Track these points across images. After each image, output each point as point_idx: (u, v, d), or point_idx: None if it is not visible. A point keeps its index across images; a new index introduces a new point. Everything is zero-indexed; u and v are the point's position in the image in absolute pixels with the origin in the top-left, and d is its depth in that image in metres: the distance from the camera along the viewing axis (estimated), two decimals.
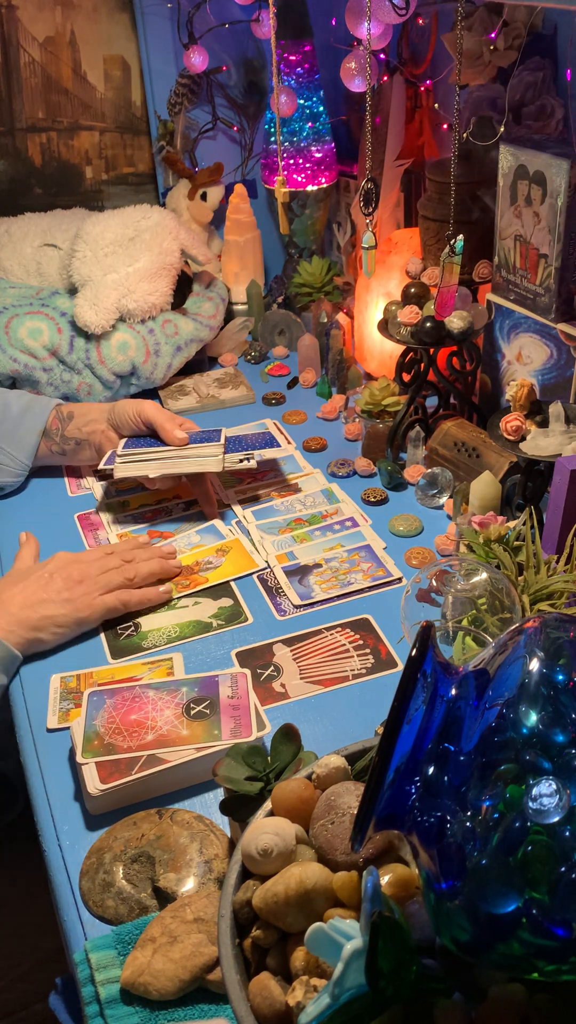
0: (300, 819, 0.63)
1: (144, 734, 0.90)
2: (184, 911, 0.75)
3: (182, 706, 0.93)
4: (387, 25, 1.16)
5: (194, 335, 1.57)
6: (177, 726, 0.91)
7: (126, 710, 0.93)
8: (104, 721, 0.92)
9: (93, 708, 0.93)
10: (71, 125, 1.71)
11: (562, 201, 1.10)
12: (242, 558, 1.19)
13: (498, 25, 1.20)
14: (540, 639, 0.55)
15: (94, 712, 0.93)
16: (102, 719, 0.92)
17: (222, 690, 0.95)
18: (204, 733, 0.90)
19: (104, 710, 0.93)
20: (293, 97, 1.49)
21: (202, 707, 0.93)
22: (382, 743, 0.51)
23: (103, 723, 0.92)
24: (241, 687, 0.96)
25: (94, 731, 0.91)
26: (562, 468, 0.96)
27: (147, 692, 0.95)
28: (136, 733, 0.90)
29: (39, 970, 1.54)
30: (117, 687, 0.96)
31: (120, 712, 0.93)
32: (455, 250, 1.11)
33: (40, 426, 1.33)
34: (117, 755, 0.88)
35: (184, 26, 1.64)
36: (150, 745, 0.89)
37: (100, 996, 0.73)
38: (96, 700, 0.94)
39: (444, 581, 0.89)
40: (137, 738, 0.90)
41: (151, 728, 0.91)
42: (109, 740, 0.90)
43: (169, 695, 0.95)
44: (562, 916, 0.48)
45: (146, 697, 0.95)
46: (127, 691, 0.95)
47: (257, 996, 0.55)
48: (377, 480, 1.35)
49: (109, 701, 0.94)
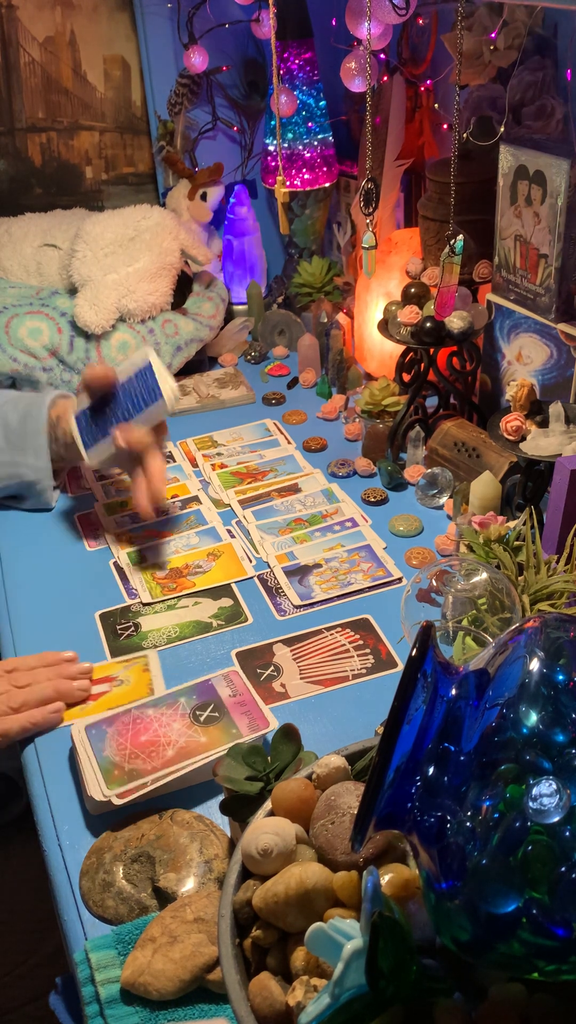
0: (300, 819, 0.63)
1: (163, 751, 0.88)
2: (184, 911, 0.75)
3: (188, 716, 0.92)
4: (387, 25, 1.16)
5: (194, 335, 1.57)
6: (193, 735, 0.89)
7: (132, 734, 0.90)
8: (114, 750, 0.88)
9: (95, 740, 0.90)
10: (71, 125, 1.71)
11: (562, 201, 1.10)
12: (232, 563, 1.19)
13: (498, 25, 1.20)
14: (540, 639, 0.55)
15: (98, 744, 0.89)
16: (111, 748, 0.89)
17: (221, 691, 0.95)
18: (223, 735, 0.89)
19: (109, 739, 0.90)
20: (293, 97, 1.49)
21: (209, 712, 0.92)
22: (382, 743, 0.51)
23: (114, 752, 0.88)
24: (238, 684, 0.96)
25: (108, 762, 0.87)
26: (562, 468, 0.96)
27: (145, 712, 0.93)
28: (155, 752, 0.88)
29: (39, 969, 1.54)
30: (111, 714, 0.93)
31: (127, 737, 0.90)
32: (455, 250, 1.11)
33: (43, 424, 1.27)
34: (144, 778, 0.85)
35: (184, 26, 1.64)
36: (174, 760, 0.87)
37: (100, 996, 0.73)
38: (95, 732, 0.91)
39: (444, 581, 0.89)
40: (158, 757, 0.88)
41: (167, 744, 0.89)
42: (130, 766, 0.87)
43: (169, 709, 0.93)
44: (562, 916, 0.48)
45: (147, 716, 0.92)
46: (124, 716, 0.92)
47: (257, 996, 0.55)
48: (377, 480, 1.35)
49: (110, 729, 0.91)
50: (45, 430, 1.27)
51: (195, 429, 1.50)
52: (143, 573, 1.18)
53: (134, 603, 1.14)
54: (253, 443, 1.45)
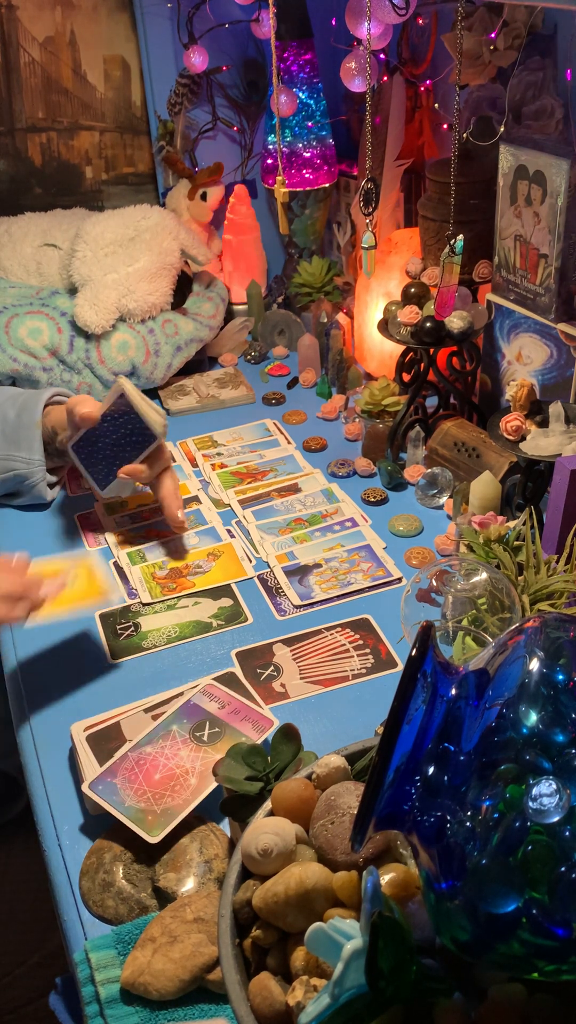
0: (300, 819, 0.63)
1: (185, 781, 0.85)
2: (184, 911, 0.75)
3: (189, 740, 0.89)
4: (387, 25, 1.16)
5: (194, 335, 1.57)
6: (206, 756, 0.87)
7: (144, 774, 0.86)
8: (135, 798, 0.84)
9: (110, 794, 0.84)
10: (71, 125, 1.71)
11: (562, 201, 1.10)
12: (232, 564, 1.19)
13: (498, 25, 1.20)
14: (540, 639, 0.55)
15: (115, 798, 0.84)
16: (131, 797, 0.84)
17: (208, 707, 0.93)
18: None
19: (122, 790, 0.85)
20: (293, 97, 1.49)
21: (209, 730, 0.90)
22: (382, 743, 0.51)
23: (135, 800, 0.84)
24: (220, 695, 0.94)
25: (137, 810, 0.83)
26: (562, 468, 0.96)
27: (143, 751, 0.88)
28: (178, 785, 0.85)
29: (39, 969, 1.54)
30: (109, 766, 0.87)
31: (139, 782, 0.85)
32: (455, 250, 1.11)
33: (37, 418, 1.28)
34: (180, 812, 0.82)
35: (184, 26, 1.64)
36: (201, 786, 0.85)
37: (100, 996, 0.73)
38: (105, 787, 0.85)
39: (444, 581, 0.89)
40: (183, 788, 0.85)
41: (185, 773, 0.86)
42: (161, 807, 0.83)
43: (166, 740, 0.89)
44: (562, 916, 0.48)
45: (148, 755, 0.88)
46: (123, 762, 0.87)
47: (257, 996, 0.55)
48: (377, 480, 1.35)
49: (118, 780, 0.86)
50: (39, 423, 1.27)
51: (195, 429, 1.50)
52: (143, 574, 1.18)
53: (134, 603, 1.14)
54: (253, 443, 1.45)
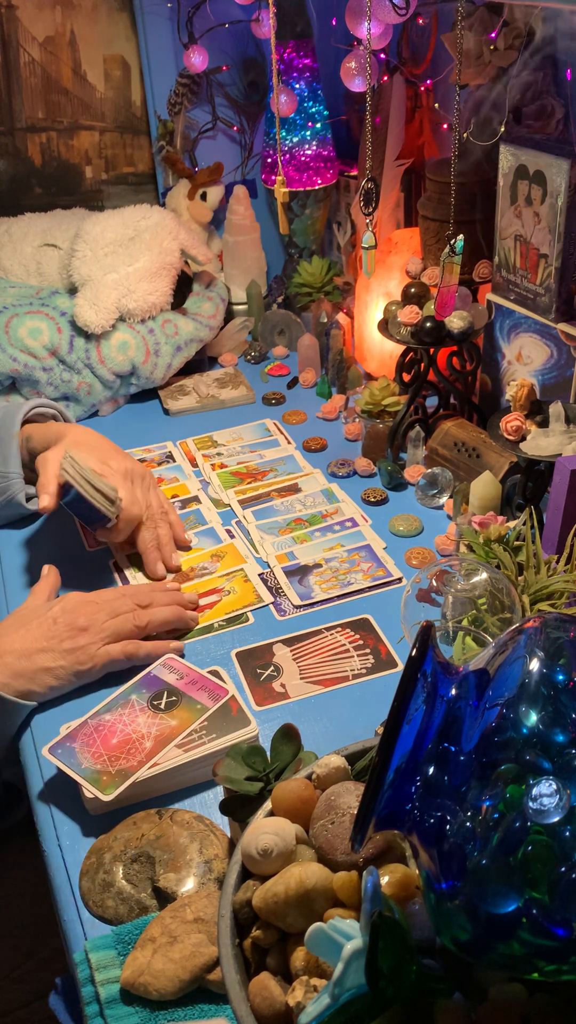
0: (300, 819, 0.63)
1: (141, 744, 0.89)
2: (184, 911, 0.75)
3: (147, 708, 0.93)
4: (387, 25, 1.16)
5: (194, 335, 1.57)
6: (162, 722, 0.91)
7: (101, 739, 0.90)
8: (91, 760, 0.88)
9: (68, 757, 0.88)
10: (71, 125, 1.71)
11: (562, 201, 1.10)
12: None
13: (498, 25, 1.20)
14: (540, 639, 0.55)
15: (72, 760, 0.88)
16: (87, 760, 0.88)
17: (167, 678, 0.97)
18: (190, 713, 0.92)
19: (79, 753, 0.89)
20: (293, 97, 1.48)
21: (167, 698, 0.94)
22: (382, 743, 0.51)
23: (91, 762, 0.88)
24: (180, 667, 0.98)
25: (93, 771, 0.87)
26: (562, 468, 0.96)
27: (103, 718, 0.92)
28: (133, 749, 0.89)
29: (38, 970, 1.54)
30: (70, 731, 0.91)
31: (96, 746, 0.89)
32: (455, 250, 1.11)
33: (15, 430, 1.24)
34: (135, 772, 0.86)
35: (184, 26, 1.64)
36: (155, 748, 0.88)
37: (100, 996, 0.73)
38: (64, 750, 0.89)
39: (444, 581, 0.89)
40: (138, 751, 0.88)
41: (140, 738, 0.90)
42: (116, 768, 0.87)
43: (124, 708, 0.93)
44: (562, 916, 0.48)
45: (106, 722, 0.92)
46: (83, 728, 0.91)
47: (257, 996, 0.55)
48: (377, 480, 1.35)
49: (76, 744, 0.90)
50: (15, 435, 1.24)
51: (195, 429, 1.50)
52: (145, 577, 1.18)
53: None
54: (253, 443, 1.45)
